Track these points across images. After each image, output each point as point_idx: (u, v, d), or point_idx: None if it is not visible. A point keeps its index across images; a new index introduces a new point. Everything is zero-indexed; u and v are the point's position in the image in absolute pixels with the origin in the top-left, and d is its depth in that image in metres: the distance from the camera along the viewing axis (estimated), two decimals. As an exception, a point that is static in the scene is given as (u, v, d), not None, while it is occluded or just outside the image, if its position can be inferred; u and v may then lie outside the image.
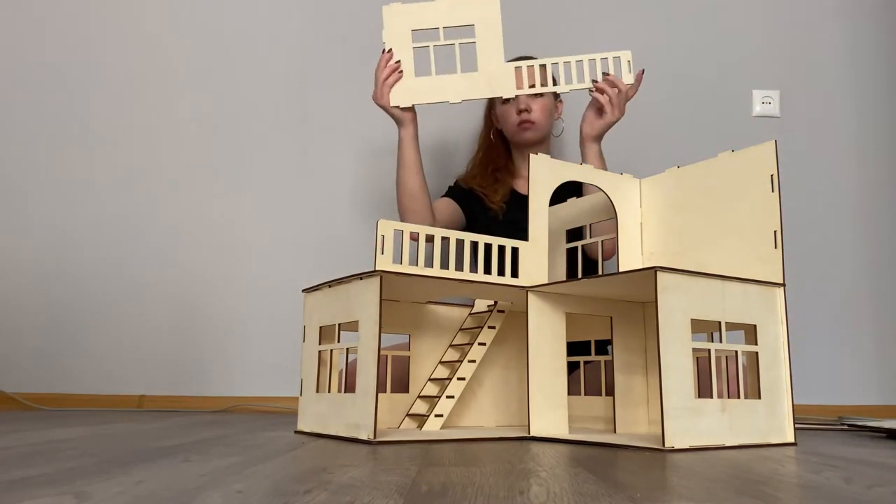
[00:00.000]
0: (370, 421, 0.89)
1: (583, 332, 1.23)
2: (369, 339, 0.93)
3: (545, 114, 1.62)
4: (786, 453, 0.83)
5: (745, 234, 1.01)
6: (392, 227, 0.98)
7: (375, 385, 0.90)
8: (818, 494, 0.53)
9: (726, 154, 1.05)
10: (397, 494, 0.50)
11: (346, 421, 0.96)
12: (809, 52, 2.01)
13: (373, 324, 0.92)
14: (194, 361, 1.91)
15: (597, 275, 0.97)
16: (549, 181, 1.09)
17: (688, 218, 1.10)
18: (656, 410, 1.07)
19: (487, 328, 1.14)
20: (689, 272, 0.91)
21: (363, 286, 0.96)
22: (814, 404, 1.77)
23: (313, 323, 1.09)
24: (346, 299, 1.01)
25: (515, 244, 1.06)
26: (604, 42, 2.01)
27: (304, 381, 1.10)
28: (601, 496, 0.51)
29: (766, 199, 0.99)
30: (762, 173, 1.00)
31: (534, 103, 1.60)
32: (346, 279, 1.01)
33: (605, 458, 0.76)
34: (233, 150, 2.00)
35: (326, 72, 2.02)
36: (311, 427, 1.07)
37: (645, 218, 1.18)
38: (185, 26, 2.06)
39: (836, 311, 1.90)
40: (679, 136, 1.96)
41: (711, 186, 1.07)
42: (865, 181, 1.96)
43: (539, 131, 1.63)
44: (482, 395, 1.23)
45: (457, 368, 1.11)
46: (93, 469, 0.63)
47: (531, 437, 0.99)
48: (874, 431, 1.17)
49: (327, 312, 1.06)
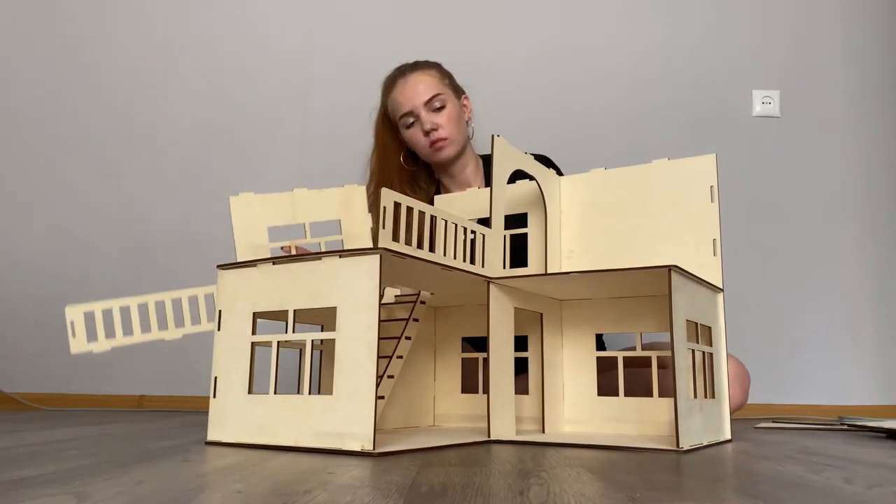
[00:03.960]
0: (365, 429, 0.75)
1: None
2: (365, 330, 0.78)
3: (454, 123, 1.47)
4: (786, 453, 0.83)
5: (683, 241, 1.03)
6: (394, 198, 0.82)
7: (375, 385, 0.76)
8: (818, 494, 0.53)
9: (662, 161, 1.07)
10: (397, 494, 0.50)
11: (319, 429, 0.80)
12: (809, 52, 2.01)
13: (370, 310, 0.78)
14: (194, 361, 1.91)
15: (608, 269, 0.92)
16: (507, 167, 1.02)
17: (615, 220, 1.09)
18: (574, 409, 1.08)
19: (413, 321, 1.02)
20: (690, 274, 0.92)
21: (346, 265, 0.81)
22: (814, 404, 1.78)
23: (237, 308, 0.90)
24: (310, 281, 0.84)
25: (483, 230, 0.97)
26: (604, 42, 2.02)
27: (218, 380, 0.90)
28: (601, 496, 0.50)
29: (706, 209, 1.02)
30: (702, 184, 1.03)
31: (438, 118, 1.45)
32: (304, 256, 0.85)
33: (604, 458, 0.76)
34: (233, 150, 2.00)
35: (326, 71, 2.02)
36: (240, 436, 0.86)
37: (564, 216, 1.14)
38: (185, 27, 2.06)
39: (836, 311, 1.90)
40: (679, 136, 1.96)
41: (644, 191, 1.08)
42: (865, 181, 1.96)
43: (455, 144, 1.47)
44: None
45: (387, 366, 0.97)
46: (93, 469, 0.63)
47: (493, 440, 0.91)
48: (874, 431, 1.17)
49: (268, 295, 0.88)
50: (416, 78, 1.47)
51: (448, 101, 1.47)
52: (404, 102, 1.46)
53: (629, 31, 2.01)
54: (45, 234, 1.98)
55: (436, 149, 1.46)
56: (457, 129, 1.48)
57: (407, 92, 1.46)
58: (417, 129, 1.47)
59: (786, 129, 1.97)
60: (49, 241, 1.98)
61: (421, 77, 1.47)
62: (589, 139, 1.94)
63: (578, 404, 1.08)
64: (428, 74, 1.48)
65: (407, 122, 1.48)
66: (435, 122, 1.45)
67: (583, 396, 1.08)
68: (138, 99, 2.03)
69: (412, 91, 1.45)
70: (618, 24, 2.02)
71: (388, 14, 2.04)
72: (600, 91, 1.98)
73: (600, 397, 1.07)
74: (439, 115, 1.46)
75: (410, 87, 1.46)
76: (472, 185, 1.52)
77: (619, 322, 1.08)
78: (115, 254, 1.96)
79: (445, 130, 1.45)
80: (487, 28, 2.03)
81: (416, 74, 1.48)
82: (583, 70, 2.00)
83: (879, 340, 1.90)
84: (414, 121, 1.46)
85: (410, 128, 1.48)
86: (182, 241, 1.96)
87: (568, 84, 1.99)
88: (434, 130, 1.45)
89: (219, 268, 0.94)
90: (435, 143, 1.45)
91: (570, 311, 1.11)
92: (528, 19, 2.02)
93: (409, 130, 1.49)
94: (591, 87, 1.99)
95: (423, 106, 1.45)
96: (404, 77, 1.48)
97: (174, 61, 2.05)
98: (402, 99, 1.47)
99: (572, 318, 1.11)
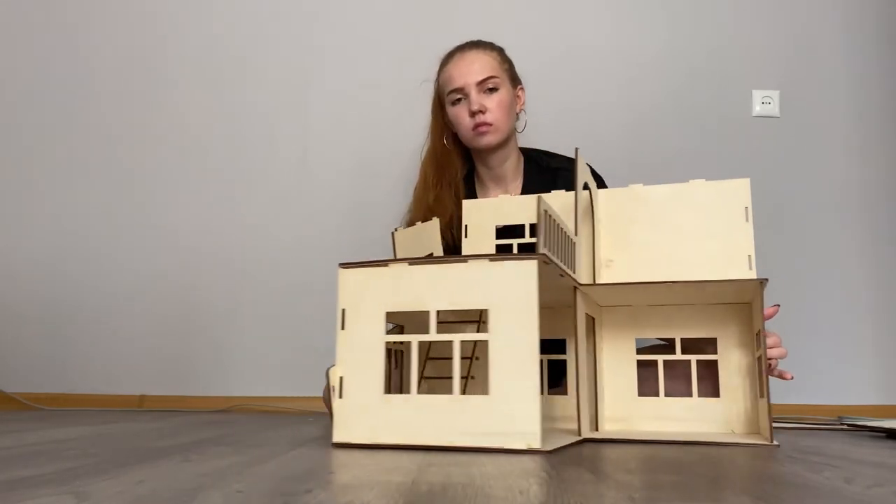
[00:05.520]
0: (532, 427, 0.79)
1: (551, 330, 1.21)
2: (527, 332, 0.81)
3: (503, 111, 1.39)
4: (786, 453, 0.83)
5: (719, 256, 1.11)
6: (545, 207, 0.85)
7: (538, 385, 0.80)
8: (818, 494, 0.53)
9: (699, 182, 1.14)
10: (397, 494, 0.50)
11: (475, 428, 0.81)
12: (809, 52, 2.01)
13: (530, 313, 0.81)
14: (194, 361, 1.91)
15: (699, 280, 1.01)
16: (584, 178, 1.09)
17: (650, 233, 1.15)
18: (613, 408, 1.14)
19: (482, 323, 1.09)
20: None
21: (500, 269, 0.84)
22: (814, 404, 1.77)
23: (364, 307, 0.89)
24: (453, 283, 0.86)
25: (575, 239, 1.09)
26: (604, 42, 2.02)
27: (344, 380, 0.88)
28: (601, 496, 0.51)
29: (741, 227, 1.10)
30: (737, 204, 1.11)
31: (488, 101, 1.38)
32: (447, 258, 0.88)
33: (604, 458, 0.76)
34: (233, 150, 2.00)
35: (327, 71, 2.02)
36: (375, 437, 0.85)
37: (602, 227, 1.19)
38: (185, 26, 2.06)
39: (836, 310, 1.90)
40: (679, 136, 1.96)
41: (680, 208, 1.14)
42: (865, 181, 1.96)
43: (499, 133, 1.40)
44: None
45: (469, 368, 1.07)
46: (93, 469, 0.63)
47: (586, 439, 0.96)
48: (874, 431, 1.17)
49: (402, 296, 0.88)
50: (474, 55, 1.41)
51: (502, 85, 1.40)
52: (457, 77, 1.39)
53: (629, 31, 2.01)
54: (45, 234, 1.98)
55: (479, 132, 1.38)
56: (505, 117, 1.40)
57: (462, 67, 1.39)
58: (464, 108, 1.39)
59: (785, 129, 1.97)
60: (49, 241, 1.98)
61: (479, 55, 1.41)
62: (588, 139, 1.92)
63: (620, 403, 1.14)
64: (488, 55, 1.42)
65: (454, 98, 1.40)
66: (483, 105, 1.37)
67: (624, 396, 1.14)
68: (138, 99, 2.03)
69: (467, 68, 1.39)
70: (617, 24, 2.02)
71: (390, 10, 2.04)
72: (600, 91, 1.98)
73: (640, 397, 1.12)
74: (490, 97, 1.38)
75: (466, 64, 1.39)
76: (508, 181, 1.49)
77: (660, 327, 1.14)
78: (116, 254, 1.96)
79: (493, 115, 1.37)
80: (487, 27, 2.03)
81: (475, 52, 1.41)
82: (582, 70, 2.00)
83: (879, 340, 1.90)
84: (462, 98, 1.39)
85: (456, 105, 1.40)
86: (182, 241, 1.96)
87: (568, 84, 1.99)
88: (481, 112, 1.37)
89: (341, 267, 0.91)
90: (479, 127, 1.37)
91: (610, 315, 1.17)
92: (528, 19, 2.02)
93: (454, 107, 1.41)
94: (591, 86, 1.99)
95: (476, 85, 1.38)
96: (462, 52, 1.42)
97: (174, 61, 2.05)
98: (455, 73, 1.40)
99: (613, 323, 1.16)
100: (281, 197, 1.98)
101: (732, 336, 1.09)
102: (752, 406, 1.07)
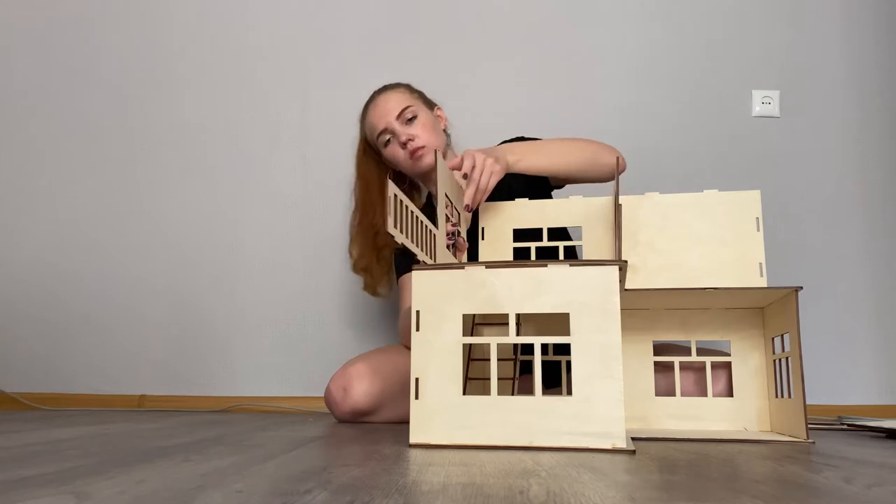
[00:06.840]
0: (618, 428, 0.82)
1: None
2: (610, 336, 0.85)
3: (429, 131, 1.49)
4: (786, 453, 0.83)
5: (731, 262, 1.18)
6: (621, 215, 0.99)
7: (622, 388, 0.84)
8: (818, 494, 0.53)
9: (713, 192, 1.20)
10: (397, 494, 0.50)
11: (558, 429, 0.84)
12: (809, 52, 2.01)
13: (613, 317, 0.85)
14: (194, 361, 1.91)
15: (736, 287, 1.08)
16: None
17: (665, 239, 1.21)
18: (632, 408, 1.19)
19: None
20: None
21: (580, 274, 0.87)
22: (814, 404, 1.77)
23: (439, 308, 0.90)
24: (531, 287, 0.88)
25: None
26: (603, 42, 2.02)
27: (420, 381, 0.89)
28: (601, 496, 0.50)
29: (753, 236, 1.17)
30: (749, 214, 1.17)
31: (412, 129, 1.48)
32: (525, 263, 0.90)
33: (604, 457, 0.76)
34: (233, 150, 2.00)
35: (327, 71, 2.02)
36: (454, 438, 0.86)
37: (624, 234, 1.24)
38: (185, 25, 2.06)
39: (836, 310, 1.90)
40: (679, 136, 1.96)
41: (694, 217, 1.21)
42: (865, 181, 1.96)
43: (433, 153, 1.47)
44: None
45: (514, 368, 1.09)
46: (93, 469, 0.63)
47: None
48: (874, 431, 1.17)
49: (478, 298, 0.90)
50: (385, 97, 1.52)
51: (419, 111, 1.50)
52: (378, 122, 1.51)
53: (629, 31, 2.01)
54: (45, 233, 1.98)
55: (416, 158, 1.47)
56: (433, 136, 1.49)
57: (379, 110, 1.51)
58: (395, 144, 1.50)
59: (785, 130, 1.97)
60: (50, 241, 1.98)
61: (390, 95, 1.52)
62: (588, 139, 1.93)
63: (637, 404, 1.19)
64: (397, 92, 1.53)
65: (384, 140, 1.51)
66: (410, 133, 1.47)
67: (643, 397, 1.18)
68: (138, 99, 2.03)
69: (383, 109, 1.50)
70: (617, 24, 2.02)
71: (390, 10, 2.04)
72: (600, 91, 1.98)
73: (657, 397, 1.18)
74: (413, 125, 1.48)
75: (381, 106, 1.51)
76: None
77: (676, 330, 1.20)
78: (117, 253, 1.96)
79: (422, 139, 1.47)
80: (487, 27, 2.03)
81: (384, 94, 1.53)
82: (582, 70, 2.00)
83: (879, 340, 1.90)
84: (390, 137, 1.50)
85: (388, 145, 1.51)
86: (182, 241, 1.96)
87: (567, 84, 1.99)
88: (410, 140, 1.46)
89: (414, 269, 0.93)
90: (414, 153, 1.47)
91: (628, 319, 1.21)
92: (528, 19, 2.02)
93: (387, 148, 1.52)
94: (591, 86, 1.99)
95: (396, 120, 1.48)
96: (374, 100, 1.54)
97: (173, 62, 2.05)
98: (375, 119, 1.52)
99: (631, 325, 1.21)
100: (281, 197, 1.98)
101: (745, 339, 1.16)
102: (765, 405, 1.14)
